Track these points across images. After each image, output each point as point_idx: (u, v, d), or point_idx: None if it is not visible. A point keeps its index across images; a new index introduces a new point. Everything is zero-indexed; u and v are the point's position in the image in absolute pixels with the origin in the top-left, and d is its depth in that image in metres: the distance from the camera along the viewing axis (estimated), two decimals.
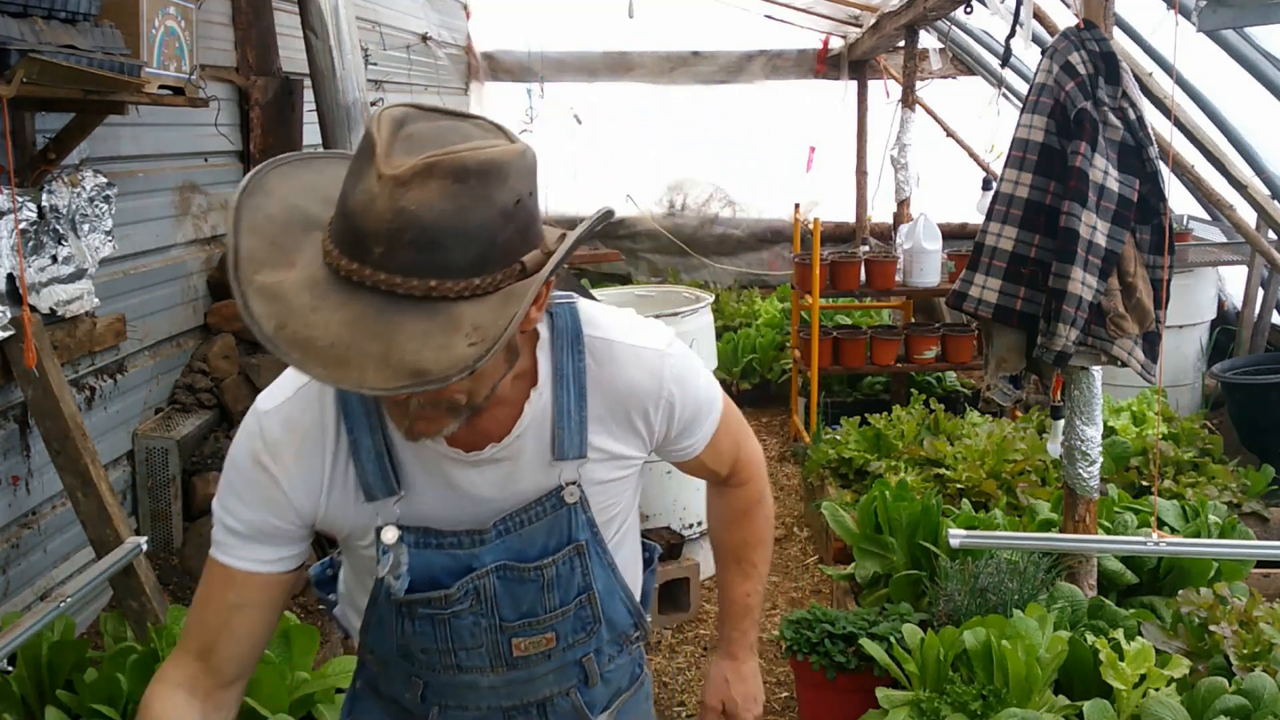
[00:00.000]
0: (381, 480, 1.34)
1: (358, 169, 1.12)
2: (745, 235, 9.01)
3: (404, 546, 1.36)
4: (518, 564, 1.41)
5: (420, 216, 1.09)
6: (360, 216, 1.10)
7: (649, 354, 1.44)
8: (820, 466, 4.83)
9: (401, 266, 1.10)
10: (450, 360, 1.09)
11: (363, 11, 5.77)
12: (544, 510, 1.41)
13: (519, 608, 1.43)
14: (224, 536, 1.36)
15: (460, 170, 1.10)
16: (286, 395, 1.36)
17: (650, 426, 1.45)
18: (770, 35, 8.68)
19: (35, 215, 2.83)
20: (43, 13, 2.38)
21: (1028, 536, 3.21)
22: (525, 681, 1.49)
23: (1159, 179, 2.83)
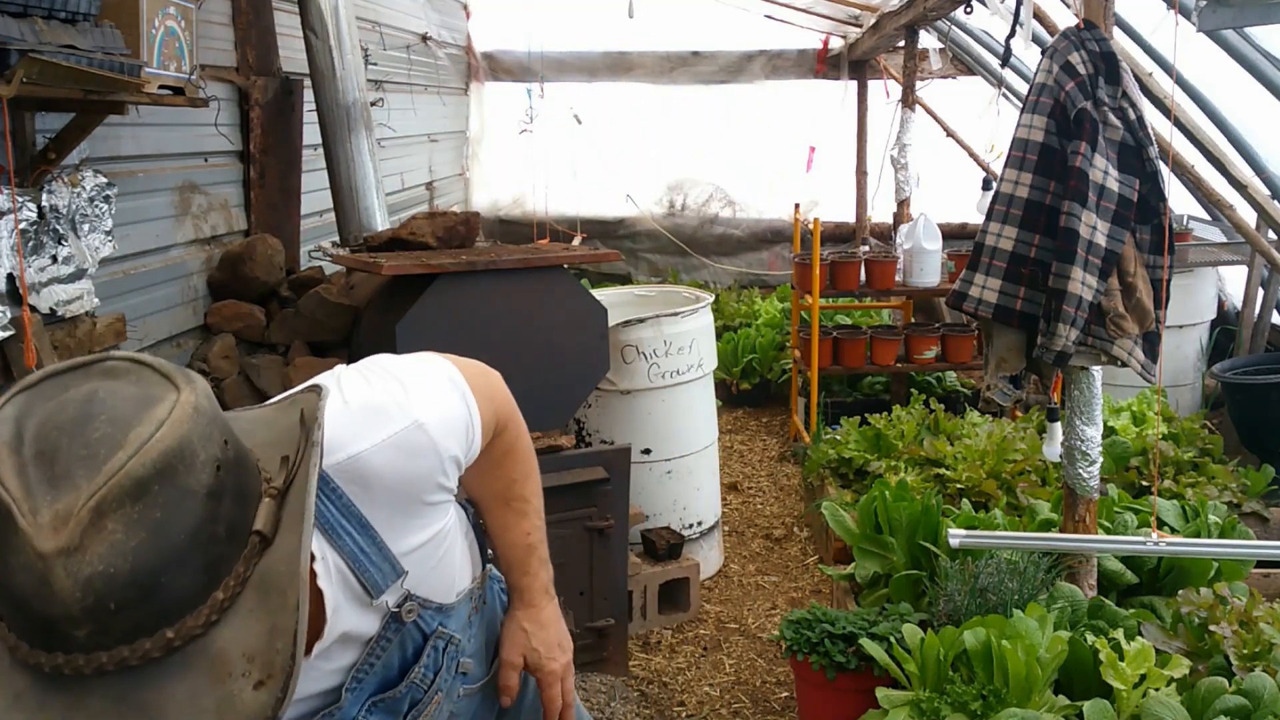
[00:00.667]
0: None
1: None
2: (745, 235, 9.01)
3: None
4: (385, 694, 1.33)
5: (117, 575, 0.86)
6: (38, 602, 0.86)
7: (407, 436, 1.26)
8: (820, 466, 4.83)
9: (122, 635, 0.88)
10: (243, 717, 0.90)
11: (363, 11, 5.77)
12: (388, 640, 1.31)
13: (399, 713, 1.36)
14: None
15: (137, 488, 0.87)
16: None
17: (447, 488, 1.35)
18: (770, 35, 8.68)
19: (35, 215, 2.83)
20: (43, 13, 2.38)
21: (1028, 536, 3.21)
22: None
23: (1159, 179, 2.83)
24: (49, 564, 0.84)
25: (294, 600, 0.94)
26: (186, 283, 3.97)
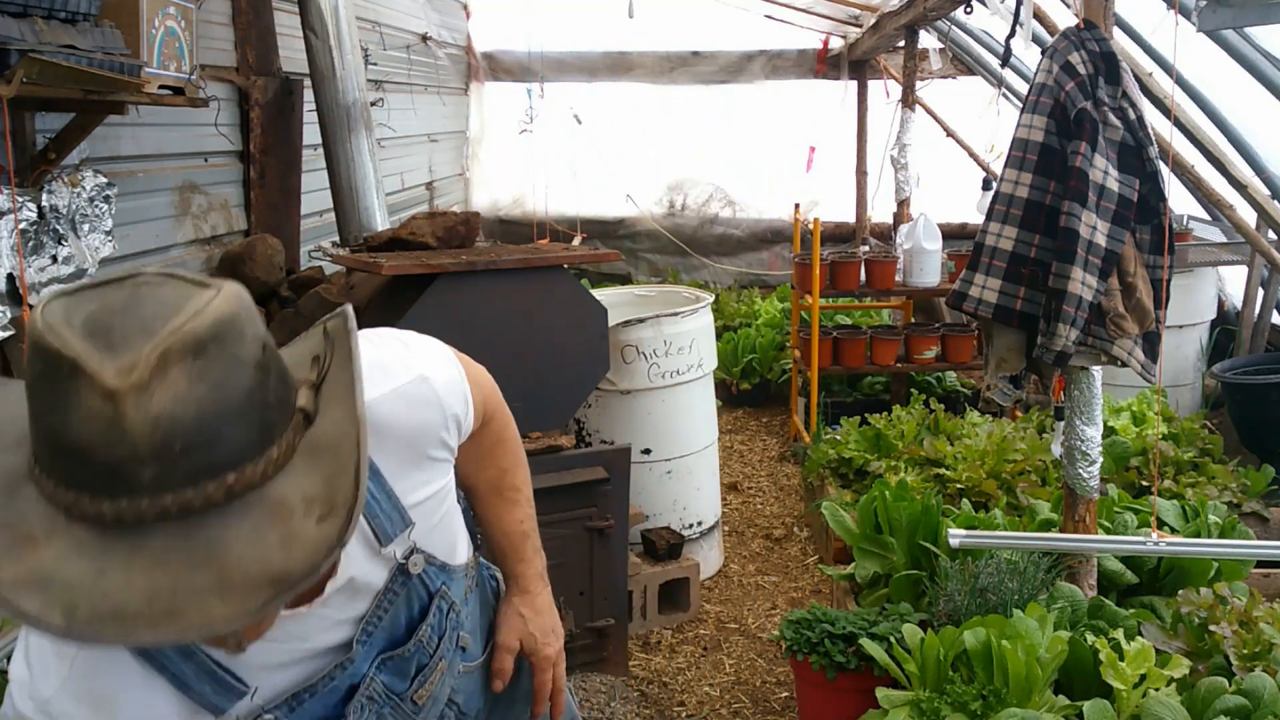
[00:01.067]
0: (224, 691, 1.17)
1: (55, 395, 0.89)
2: (745, 235, 9.02)
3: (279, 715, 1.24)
4: (394, 651, 1.36)
5: (182, 417, 0.90)
6: (104, 447, 0.88)
7: (413, 388, 1.31)
8: (820, 466, 4.83)
9: (185, 477, 0.91)
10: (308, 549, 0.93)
11: (363, 11, 5.77)
12: (395, 593, 1.34)
13: (407, 675, 1.39)
14: None
15: (196, 345, 0.92)
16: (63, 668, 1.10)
17: (449, 446, 1.38)
18: (770, 35, 8.68)
19: (35, 215, 2.83)
20: (43, 13, 2.38)
21: (1028, 536, 3.21)
22: (432, 705, 1.47)
23: (1159, 179, 2.83)
24: (119, 402, 0.88)
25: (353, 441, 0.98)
26: None
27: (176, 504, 0.91)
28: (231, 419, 0.93)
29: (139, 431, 0.88)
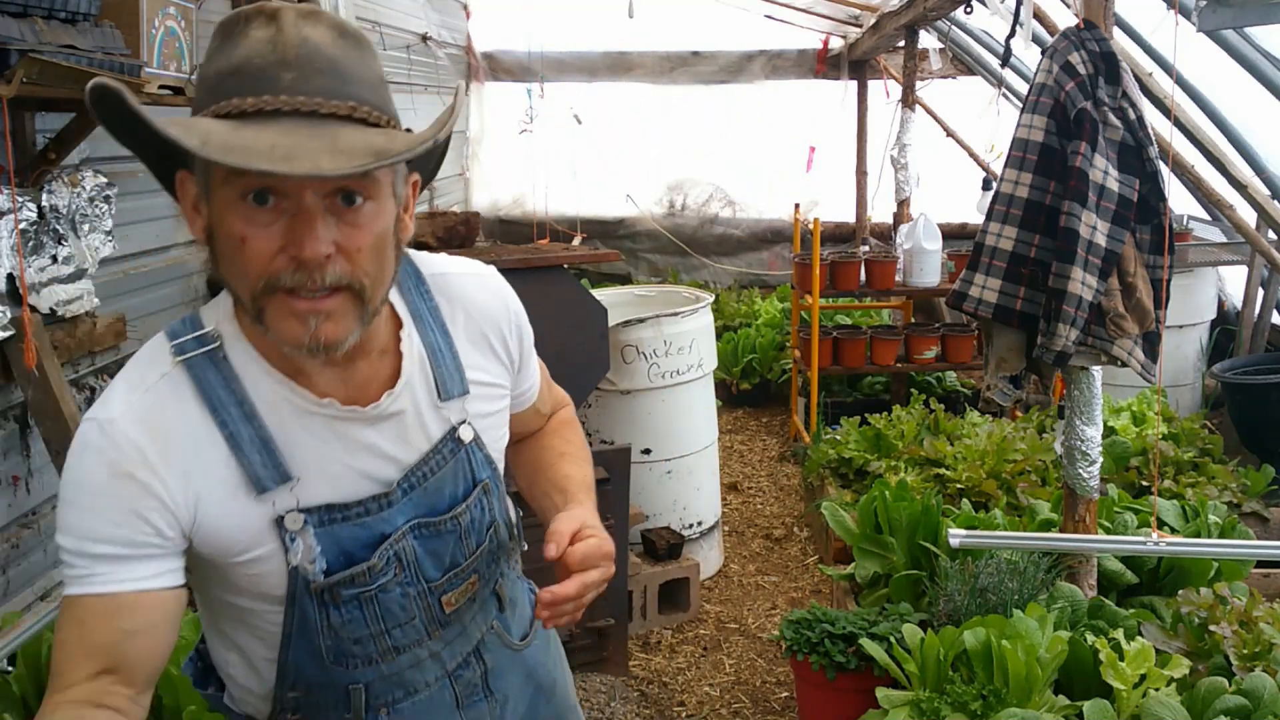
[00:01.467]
0: (272, 468, 1.23)
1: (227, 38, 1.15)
2: (745, 235, 9.01)
3: (309, 529, 1.25)
4: (431, 519, 1.35)
5: (324, 48, 1.12)
6: (256, 58, 1.10)
7: (485, 279, 1.44)
8: (820, 466, 4.83)
9: (317, 90, 1.10)
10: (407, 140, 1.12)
11: (363, 11, 5.77)
12: (444, 457, 1.35)
13: (441, 563, 1.37)
14: (89, 567, 1.17)
15: (340, 27, 1.16)
16: (134, 397, 1.20)
17: (508, 348, 1.44)
18: (770, 35, 8.68)
19: (35, 215, 2.83)
20: (43, 13, 2.38)
21: (1028, 536, 3.21)
22: (460, 635, 1.44)
23: (1159, 179, 2.83)
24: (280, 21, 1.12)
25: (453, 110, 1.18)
26: (187, 283, 3.97)
27: (307, 105, 1.09)
28: (358, 78, 1.14)
29: (289, 43, 1.10)
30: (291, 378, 1.24)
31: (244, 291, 1.16)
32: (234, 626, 1.34)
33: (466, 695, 1.47)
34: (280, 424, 1.24)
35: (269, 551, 1.25)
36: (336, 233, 1.13)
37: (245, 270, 1.14)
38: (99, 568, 1.17)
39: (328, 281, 1.14)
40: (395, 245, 1.23)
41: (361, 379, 1.28)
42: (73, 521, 1.18)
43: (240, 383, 1.23)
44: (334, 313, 1.15)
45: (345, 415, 1.26)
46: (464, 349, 1.38)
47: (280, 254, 1.12)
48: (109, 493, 1.17)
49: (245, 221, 1.12)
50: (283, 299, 1.14)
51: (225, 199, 1.13)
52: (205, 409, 1.22)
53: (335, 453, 1.27)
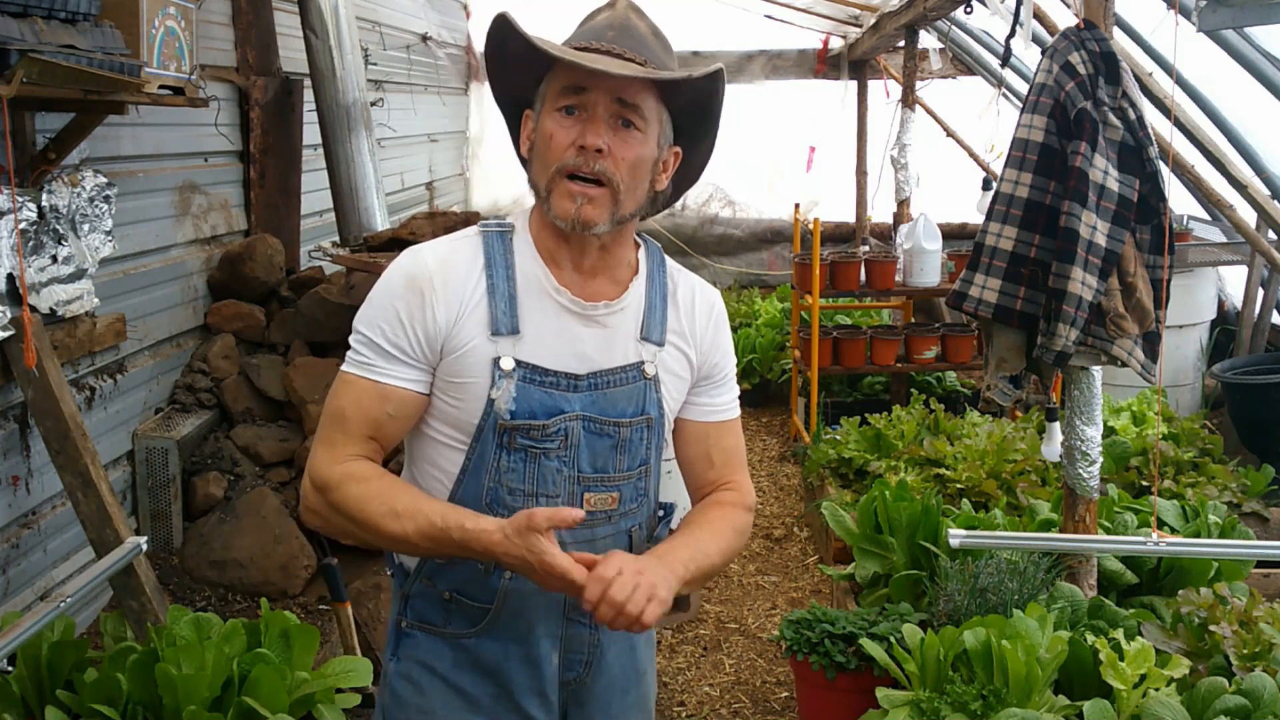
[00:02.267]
0: (509, 317, 1.60)
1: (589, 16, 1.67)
2: (745, 235, 9.01)
3: (515, 377, 1.59)
4: (600, 417, 1.63)
5: (639, 27, 1.62)
6: (600, 21, 1.62)
7: (707, 287, 1.79)
8: (820, 466, 4.83)
9: (626, 45, 1.58)
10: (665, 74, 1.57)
11: (363, 11, 5.77)
12: (627, 377, 1.66)
13: (595, 461, 1.64)
14: (371, 356, 1.60)
15: (654, 25, 1.66)
16: (442, 244, 1.66)
17: (702, 344, 1.73)
18: (770, 35, 8.68)
19: (35, 215, 2.83)
20: (43, 13, 2.38)
21: (1028, 536, 3.21)
22: (588, 542, 1.63)
23: (1159, 179, 2.83)
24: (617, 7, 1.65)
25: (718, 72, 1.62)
26: (186, 283, 3.97)
27: (616, 50, 1.57)
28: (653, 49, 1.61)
29: (617, 18, 1.63)
30: (548, 265, 1.63)
31: (542, 179, 1.59)
32: (426, 464, 1.68)
33: (575, 608, 1.66)
34: (527, 293, 1.62)
35: (480, 382, 1.59)
36: (612, 139, 1.56)
37: (547, 158, 1.57)
38: (378, 360, 1.60)
39: (596, 168, 1.55)
40: (649, 180, 1.62)
41: (593, 291, 1.65)
42: (368, 314, 1.62)
43: (513, 255, 1.63)
44: (595, 199, 1.56)
45: (571, 306, 1.63)
46: (674, 317, 1.71)
47: (571, 146, 1.55)
48: (398, 295, 1.59)
49: (556, 124, 1.57)
50: (564, 182, 1.56)
51: (547, 111, 1.58)
52: (483, 261, 1.62)
53: (554, 330, 1.62)
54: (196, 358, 3.94)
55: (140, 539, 2.77)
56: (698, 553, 1.64)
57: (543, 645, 1.68)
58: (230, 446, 3.73)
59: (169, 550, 3.56)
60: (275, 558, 3.43)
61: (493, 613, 1.66)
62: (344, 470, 1.59)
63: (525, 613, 1.66)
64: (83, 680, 2.45)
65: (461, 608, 1.67)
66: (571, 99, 1.56)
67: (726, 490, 1.77)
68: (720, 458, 1.78)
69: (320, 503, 1.61)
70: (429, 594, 1.69)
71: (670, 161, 1.65)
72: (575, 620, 1.69)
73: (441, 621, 1.68)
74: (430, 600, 1.69)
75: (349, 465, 1.60)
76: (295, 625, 2.64)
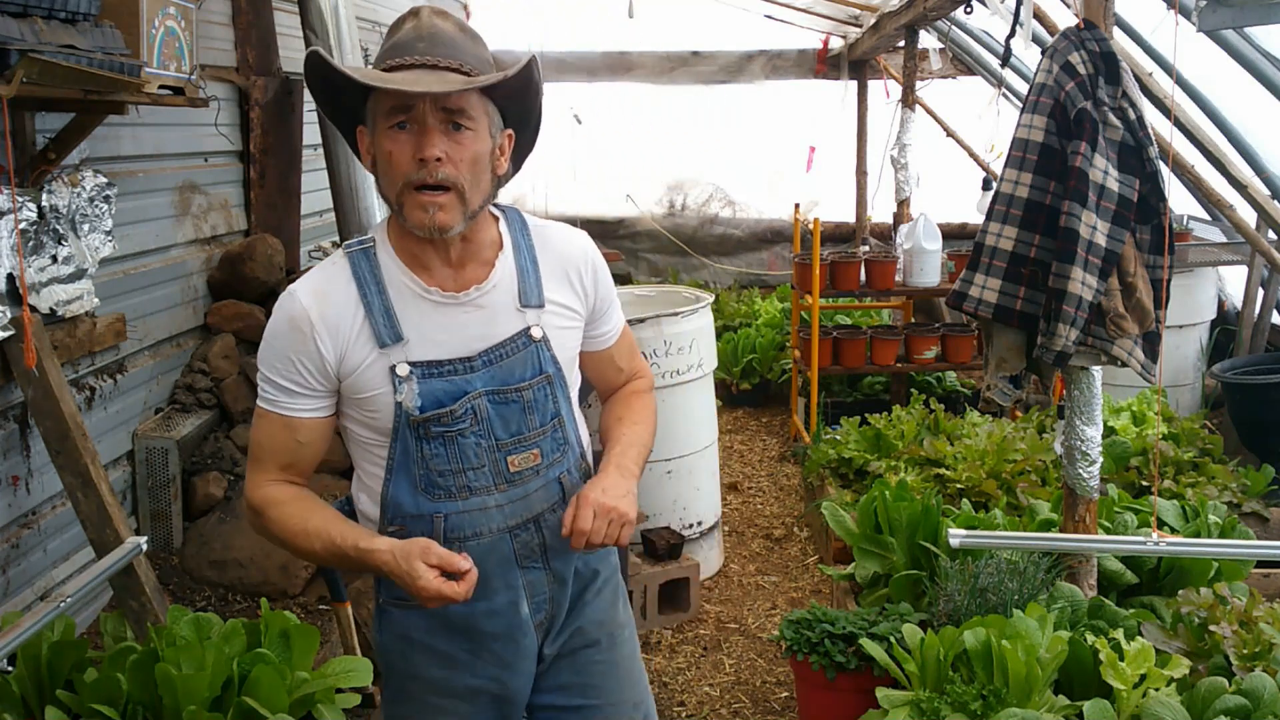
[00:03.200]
0: (389, 329, 1.73)
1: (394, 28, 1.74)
2: (745, 235, 9.01)
3: (414, 378, 1.73)
4: (501, 388, 1.78)
5: (446, 31, 1.71)
6: (407, 34, 1.69)
7: (574, 233, 1.93)
8: (820, 466, 4.83)
9: (438, 54, 1.67)
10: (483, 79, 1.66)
11: (363, 11, 5.77)
12: (518, 346, 1.80)
13: (509, 427, 1.80)
14: (274, 394, 1.76)
15: (460, 23, 1.75)
16: (313, 278, 1.78)
17: (584, 287, 1.89)
18: (770, 35, 8.68)
19: (35, 215, 2.83)
20: (43, 13, 2.38)
21: (1028, 536, 3.21)
22: (522, 499, 1.83)
23: (1159, 179, 2.83)
24: (420, 17, 1.70)
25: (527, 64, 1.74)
26: (186, 282, 3.97)
27: (429, 61, 1.67)
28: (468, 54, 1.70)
29: (423, 27, 1.70)
30: (414, 271, 1.76)
31: (392, 194, 1.71)
32: (363, 461, 1.83)
33: (525, 557, 1.85)
34: (400, 301, 1.75)
35: (384, 392, 1.74)
36: (447, 145, 1.67)
37: (392, 175, 1.69)
38: (280, 396, 1.76)
39: (439, 177, 1.66)
40: (490, 170, 1.74)
41: (464, 279, 1.78)
42: (264, 356, 1.77)
43: (379, 270, 1.76)
44: (444, 204, 1.68)
45: (445, 300, 1.76)
46: (546, 276, 1.84)
47: (411, 160, 1.67)
48: (285, 337, 1.75)
49: (392, 142, 1.67)
50: (413, 194, 1.68)
51: (381, 130, 1.69)
52: (354, 283, 1.75)
53: (435, 326, 1.76)
54: (196, 358, 3.94)
55: (140, 539, 2.77)
56: (641, 446, 1.92)
57: (501, 596, 1.84)
58: (230, 446, 3.73)
59: (169, 550, 3.56)
60: (275, 558, 3.43)
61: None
62: (263, 495, 1.78)
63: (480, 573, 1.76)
64: (83, 680, 2.45)
65: None
66: (401, 116, 1.66)
67: (634, 380, 2.05)
68: (624, 363, 2.03)
69: (256, 522, 1.81)
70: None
71: (505, 145, 1.78)
72: (527, 567, 1.86)
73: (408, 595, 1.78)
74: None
75: (268, 490, 1.78)
76: (295, 625, 2.64)
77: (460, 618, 1.84)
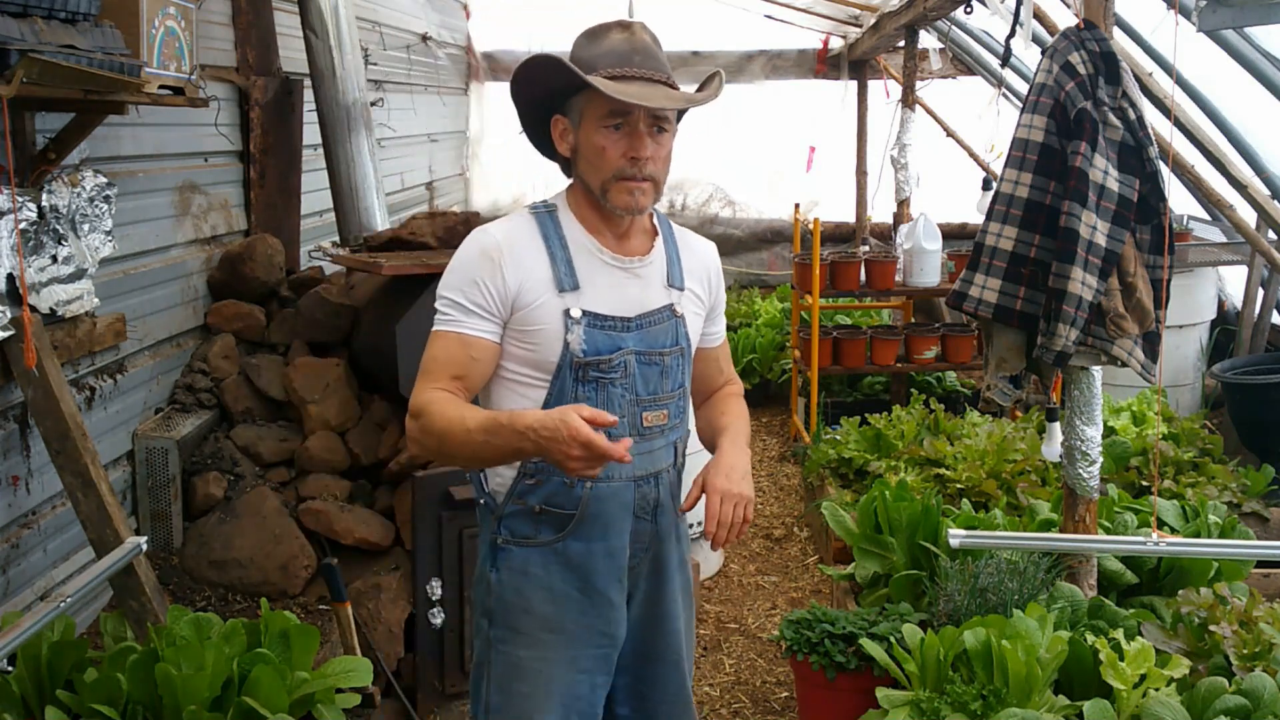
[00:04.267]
0: (570, 277, 1.98)
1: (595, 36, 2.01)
2: (745, 235, 9.01)
3: (583, 323, 1.97)
4: (648, 350, 2.03)
5: (652, 46, 1.99)
6: (621, 45, 1.96)
7: (708, 242, 2.24)
8: (820, 466, 4.83)
9: (651, 67, 1.96)
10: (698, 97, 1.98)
11: (363, 11, 5.77)
12: (664, 316, 2.06)
13: (648, 386, 2.04)
14: (454, 313, 1.97)
15: (655, 36, 2.01)
16: (503, 223, 2.04)
17: (710, 285, 2.18)
18: (770, 35, 8.68)
19: (35, 215, 2.83)
20: (43, 13, 2.38)
21: (1028, 536, 3.21)
22: (648, 453, 2.05)
23: (1159, 179, 2.83)
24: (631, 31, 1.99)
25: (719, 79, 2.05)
26: (186, 283, 3.97)
27: (647, 74, 1.95)
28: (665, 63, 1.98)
29: (637, 40, 1.97)
30: (592, 235, 2.03)
31: (597, 180, 1.98)
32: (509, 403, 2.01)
33: (641, 507, 2.06)
34: (579, 257, 2.01)
35: (552, 328, 1.97)
36: (652, 147, 1.96)
37: (601, 167, 1.96)
38: (460, 316, 1.97)
39: (645, 173, 1.96)
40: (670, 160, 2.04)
41: (628, 249, 2.06)
42: (450, 280, 2.00)
43: (562, 228, 2.02)
44: (646, 191, 1.98)
45: (614, 262, 2.03)
46: (686, 268, 2.12)
47: (623, 157, 1.95)
48: (474, 263, 1.98)
49: (605, 139, 1.95)
50: (621, 183, 1.96)
51: (594, 126, 1.95)
52: (539, 235, 2.01)
53: (605, 284, 2.02)
54: (196, 358, 3.93)
55: (140, 539, 2.77)
56: (747, 435, 2.17)
57: (618, 540, 2.05)
58: (230, 446, 3.73)
59: (169, 550, 3.56)
60: (275, 558, 3.43)
61: (577, 518, 2.01)
62: (429, 396, 1.93)
63: (603, 515, 2.02)
64: (83, 680, 2.45)
65: (550, 517, 2.02)
66: (617, 119, 1.93)
67: (730, 385, 2.29)
68: (725, 366, 2.29)
69: (415, 428, 1.93)
70: (521, 511, 2.03)
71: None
72: (639, 518, 2.06)
73: (532, 532, 2.04)
74: (522, 517, 2.04)
75: (433, 393, 1.94)
76: (295, 625, 2.64)
77: (578, 555, 2.03)
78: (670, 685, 2.19)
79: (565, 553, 2.03)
